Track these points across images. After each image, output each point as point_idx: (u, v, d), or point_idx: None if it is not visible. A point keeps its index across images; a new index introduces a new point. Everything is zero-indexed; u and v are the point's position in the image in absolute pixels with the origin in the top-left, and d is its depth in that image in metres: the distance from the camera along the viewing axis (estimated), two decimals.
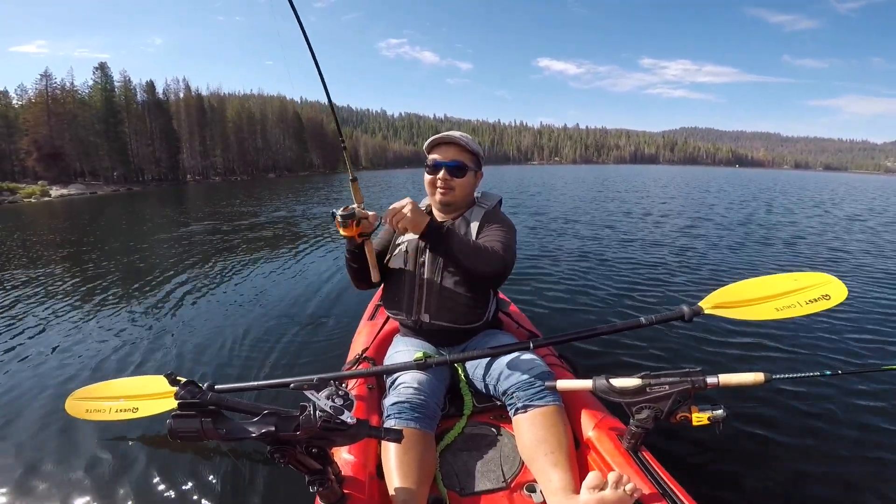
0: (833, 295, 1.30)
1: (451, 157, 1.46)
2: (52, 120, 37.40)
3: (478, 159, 1.51)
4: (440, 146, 1.49)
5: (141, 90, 46.09)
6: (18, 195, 23.43)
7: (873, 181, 53.55)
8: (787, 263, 5.38)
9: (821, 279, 1.35)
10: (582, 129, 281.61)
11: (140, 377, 1.87)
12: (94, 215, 13.69)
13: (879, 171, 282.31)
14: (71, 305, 3.70)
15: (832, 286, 1.32)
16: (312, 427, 0.85)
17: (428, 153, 1.51)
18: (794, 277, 1.38)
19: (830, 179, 51.21)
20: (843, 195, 19.40)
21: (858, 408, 2.12)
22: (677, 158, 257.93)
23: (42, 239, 7.88)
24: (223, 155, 55.52)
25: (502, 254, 1.33)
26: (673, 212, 10.73)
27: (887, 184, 42.53)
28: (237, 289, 4.17)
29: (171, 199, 20.37)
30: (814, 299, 1.30)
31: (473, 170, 1.49)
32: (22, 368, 2.54)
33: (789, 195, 18.16)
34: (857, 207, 13.23)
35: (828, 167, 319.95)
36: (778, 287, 1.37)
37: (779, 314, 1.31)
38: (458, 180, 1.46)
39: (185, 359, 2.68)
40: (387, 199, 15.14)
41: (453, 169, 1.45)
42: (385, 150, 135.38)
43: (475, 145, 1.49)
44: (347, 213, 1.32)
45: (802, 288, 1.34)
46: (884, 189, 27.84)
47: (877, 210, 12.50)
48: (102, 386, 1.86)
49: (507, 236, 1.41)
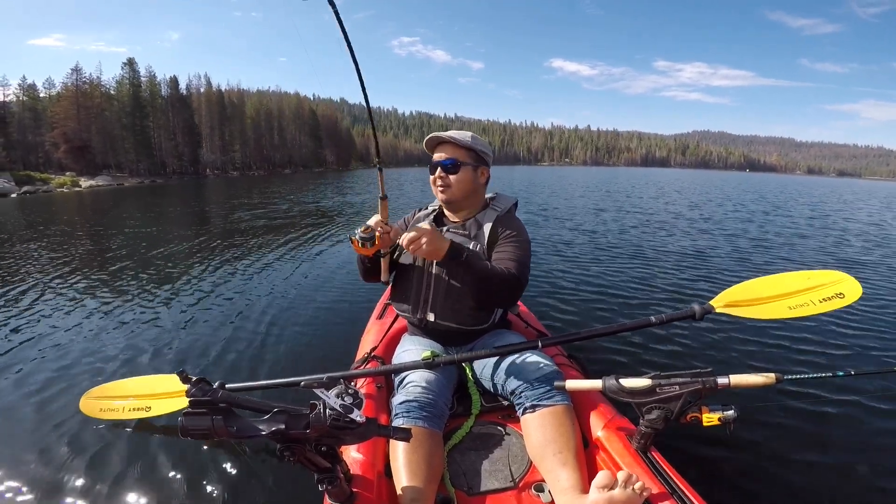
0: (847, 293, 1.27)
1: (446, 155, 1.47)
2: (81, 113, 38.59)
3: (477, 155, 1.49)
4: (437, 146, 1.51)
5: (165, 85, 47.31)
6: (51, 185, 25.10)
7: (887, 187, 52.61)
8: (799, 262, 5.30)
9: (835, 277, 1.32)
10: (593, 131, 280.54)
11: (153, 376, 1.89)
12: (124, 206, 14.27)
13: (894, 177, 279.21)
14: (87, 302, 3.75)
15: (846, 284, 1.29)
16: (322, 425, 0.85)
17: (430, 154, 1.53)
18: (807, 275, 1.36)
19: (843, 185, 50.54)
20: (859, 197, 19.04)
21: (872, 409, 2.08)
22: (688, 162, 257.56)
23: (77, 228, 8.07)
24: (241, 150, 56.74)
25: (517, 277, 1.32)
26: (684, 212, 10.62)
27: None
28: (248, 287, 4.20)
29: (195, 192, 21.06)
30: (827, 298, 1.28)
31: (471, 166, 1.47)
32: (37, 366, 2.58)
33: (804, 197, 17.89)
34: (873, 207, 12.98)
35: (841, 173, 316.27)
36: (790, 285, 1.34)
37: (791, 313, 1.28)
38: (452, 177, 1.46)
39: (197, 357, 2.71)
40: (397, 199, 15.18)
41: (447, 167, 1.46)
42: (396, 149, 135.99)
43: (474, 142, 1.47)
44: (367, 237, 1.28)
45: (816, 286, 1.31)
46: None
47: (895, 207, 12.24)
48: (116, 385, 1.89)
49: (521, 252, 1.40)
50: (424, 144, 1.53)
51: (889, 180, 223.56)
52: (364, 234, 1.28)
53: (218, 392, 0.87)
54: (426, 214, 1.63)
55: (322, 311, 3.46)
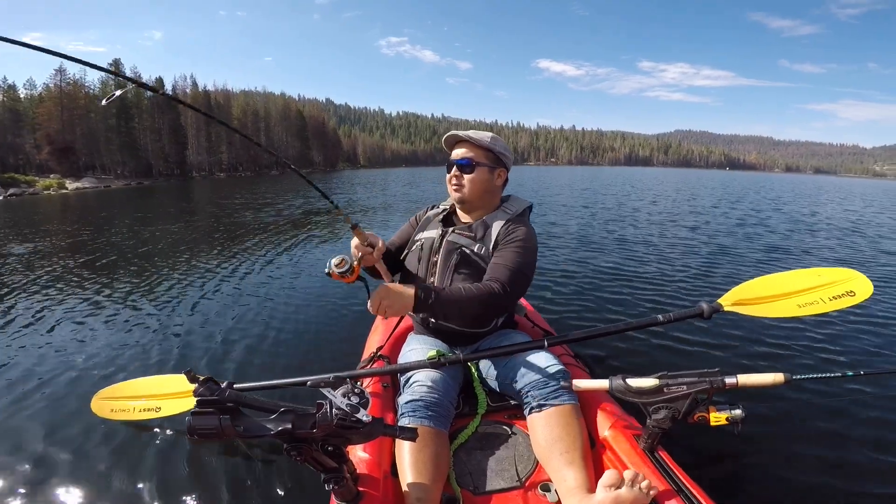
0: (858, 291, 1.26)
1: (461, 154, 1.47)
2: (65, 115, 38.30)
3: (495, 157, 1.48)
4: (455, 144, 1.51)
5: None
6: (37, 187, 24.63)
7: (864, 184, 52.48)
8: (808, 259, 5.24)
9: (845, 275, 1.31)
10: (578, 131, 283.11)
11: (161, 376, 1.91)
12: (112, 209, 14.10)
13: (868, 175, 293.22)
14: (95, 303, 3.79)
15: (857, 282, 1.28)
16: (329, 425, 0.85)
17: (449, 153, 1.53)
18: (817, 273, 1.34)
19: (823, 183, 50.50)
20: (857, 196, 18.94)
21: (882, 410, 2.05)
22: (671, 161, 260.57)
23: (69, 232, 8.07)
24: (228, 151, 56.17)
25: (500, 290, 1.28)
26: (686, 210, 10.55)
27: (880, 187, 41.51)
28: (252, 287, 4.23)
29: (183, 194, 20.78)
30: (838, 296, 1.27)
31: (488, 166, 1.46)
32: (48, 367, 2.61)
33: (803, 196, 17.75)
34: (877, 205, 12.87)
35: (818, 171, 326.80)
36: (800, 283, 1.33)
37: (801, 311, 1.27)
38: (467, 177, 1.45)
39: (205, 357, 2.73)
40: (383, 200, 15.22)
41: (462, 166, 1.45)
42: (383, 149, 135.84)
43: (492, 143, 1.46)
44: (345, 269, 1.23)
45: (826, 284, 1.30)
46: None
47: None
48: (126, 385, 1.91)
49: (519, 260, 1.36)
50: (443, 142, 1.53)
51: (863, 177, 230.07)
52: (340, 269, 1.23)
53: (225, 391, 0.88)
54: (436, 214, 1.62)
55: (328, 311, 3.47)
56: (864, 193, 25.65)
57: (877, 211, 12.86)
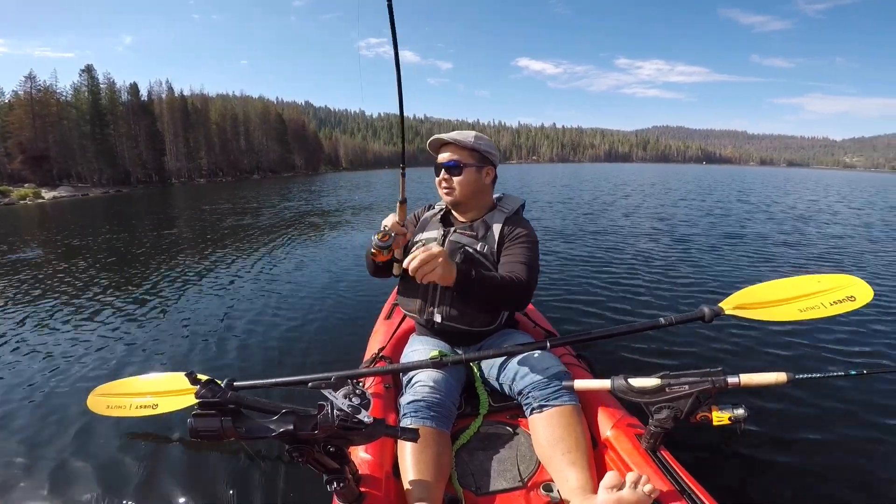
0: (858, 296, 1.27)
1: (447, 157, 1.46)
2: (37, 122, 36.90)
3: (481, 155, 1.47)
4: (440, 148, 1.51)
5: (125, 92, 45.60)
6: (12, 197, 23.77)
7: (837, 176, 52.78)
8: (810, 265, 5.23)
9: (845, 281, 1.32)
10: (558, 129, 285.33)
11: (160, 374, 1.90)
12: (99, 215, 13.95)
13: (838, 166, 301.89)
14: (93, 303, 3.79)
15: (857, 288, 1.29)
16: (330, 426, 0.85)
17: (435, 156, 1.53)
18: (817, 279, 1.36)
19: (797, 175, 51.01)
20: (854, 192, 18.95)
21: (884, 409, 2.05)
22: (649, 157, 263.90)
23: (57, 239, 8.08)
24: (207, 156, 55.07)
25: (527, 281, 1.32)
26: (686, 213, 10.55)
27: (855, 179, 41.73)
28: (253, 287, 4.23)
29: (164, 200, 20.39)
30: (838, 300, 1.28)
31: (475, 166, 1.46)
32: (45, 365, 2.61)
33: (801, 194, 17.73)
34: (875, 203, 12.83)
35: (791, 163, 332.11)
36: (801, 289, 1.34)
37: (802, 315, 1.28)
38: (456, 179, 1.45)
39: (204, 355, 2.73)
40: (371, 201, 15.20)
41: (450, 168, 1.45)
42: (365, 151, 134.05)
43: (477, 142, 1.45)
44: (385, 245, 1.27)
45: (826, 290, 1.31)
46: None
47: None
48: (123, 383, 1.90)
49: (530, 254, 1.40)
50: (428, 146, 1.53)
51: (834, 169, 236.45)
52: (382, 243, 1.27)
53: (227, 393, 0.88)
54: (433, 214, 1.62)
55: (330, 312, 3.47)
56: (834, 185, 25.55)
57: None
